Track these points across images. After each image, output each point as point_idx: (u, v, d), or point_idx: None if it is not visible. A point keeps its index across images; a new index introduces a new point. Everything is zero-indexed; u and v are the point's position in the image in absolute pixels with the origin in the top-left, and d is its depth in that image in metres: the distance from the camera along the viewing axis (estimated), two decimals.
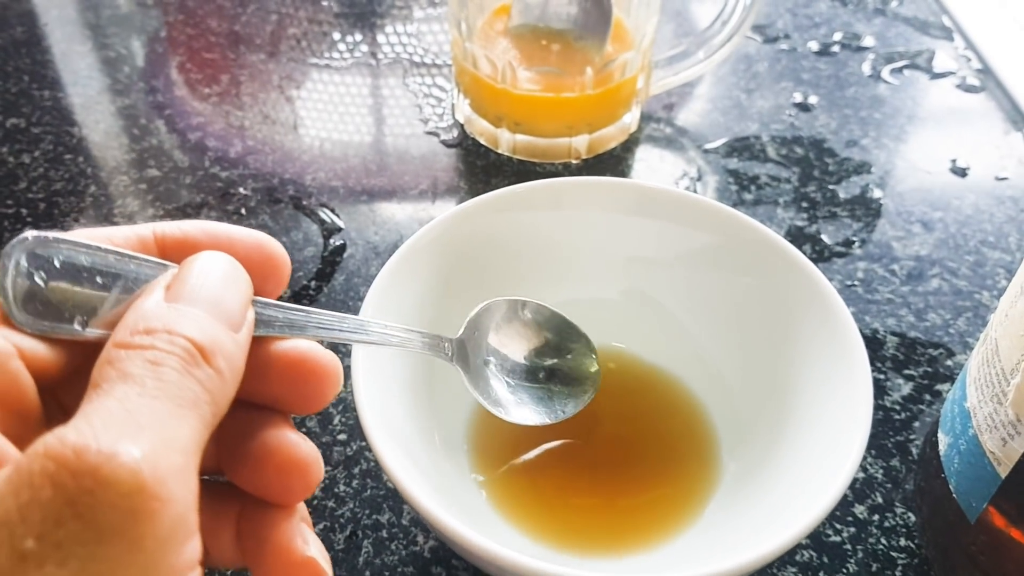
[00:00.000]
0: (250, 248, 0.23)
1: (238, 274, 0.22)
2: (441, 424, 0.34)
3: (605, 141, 0.50)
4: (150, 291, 0.20)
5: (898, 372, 0.40)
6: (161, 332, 0.19)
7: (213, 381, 0.19)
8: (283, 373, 0.23)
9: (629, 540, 0.32)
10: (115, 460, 0.16)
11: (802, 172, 0.50)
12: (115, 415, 0.17)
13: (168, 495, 0.17)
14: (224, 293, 0.21)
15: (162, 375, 0.18)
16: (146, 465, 0.16)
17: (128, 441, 0.17)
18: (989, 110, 0.54)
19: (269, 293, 0.24)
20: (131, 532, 0.16)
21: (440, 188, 0.49)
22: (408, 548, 0.34)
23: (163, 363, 0.18)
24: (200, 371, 0.19)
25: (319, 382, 0.23)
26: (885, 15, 0.61)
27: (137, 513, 0.16)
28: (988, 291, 0.43)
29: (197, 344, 0.19)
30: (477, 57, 0.48)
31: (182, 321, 0.19)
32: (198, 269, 0.21)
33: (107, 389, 0.18)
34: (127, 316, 0.20)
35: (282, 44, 0.59)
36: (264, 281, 0.23)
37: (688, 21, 0.63)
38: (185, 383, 0.18)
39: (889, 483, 0.36)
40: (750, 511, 0.30)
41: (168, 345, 0.19)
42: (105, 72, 0.57)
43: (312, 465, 0.23)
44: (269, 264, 0.23)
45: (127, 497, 0.16)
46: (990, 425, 0.28)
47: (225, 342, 0.20)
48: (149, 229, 0.22)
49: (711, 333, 0.36)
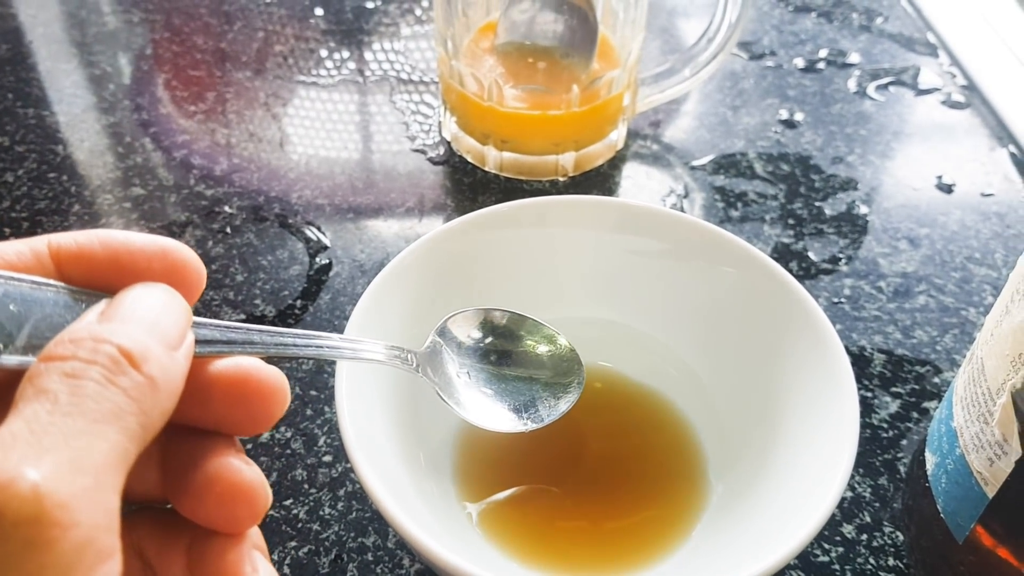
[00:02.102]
0: (152, 256, 0.22)
1: (174, 301, 0.21)
2: (426, 445, 0.33)
3: (592, 158, 0.50)
4: (83, 316, 0.20)
5: (885, 390, 0.40)
6: (86, 341, 0.18)
7: (141, 390, 0.18)
8: (226, 393, 0.22)
9: (616, 563, 0.31)
10: (10, 488, 0.15)
11: (788, 189, 0.50)
12: (18, 438, 0.16)
13: (70, 520, 0.16)
14: (160, 317, 0.20)
15: (79, 388, 0.17)
16: (45, 490, 0.16)
17: (28, 465, 0.16)
18: (974, 126, 0.54)
19: None
20: (27, 564, 0.15)
21: (427, 206, 0.49)
22: (394, 571, 0.34)
23: (81, 375, 0.17)
24: (126, 379, 0.18)
25: (264, 400, 0.22)
26: (870, 32, 0.62)
27: (32, 544, 0.15)
28: (975, 308, 0.43)
29: (125, 350, 0.18)
30: (463, 75, 0.48)
31: (115, 334, 0.18)
32: (132, 296, 0.20)
33: (19, 409, 0.17)
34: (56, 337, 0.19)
35: (268, 61, 0.59)
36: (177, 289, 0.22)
37: (674, 38, 0.63)
38: (105, 394, 0.17)
39: (877, 502, 0.36)
40: (738, 532, 0.30)
41: (90, 354, 0.18)
42: (90, 90, 0.56)
43: (257, 491, 0.22)
44: (177, 271, 0.22)
45: (21, 527, 0.15)
46: (977, 445, 0.28)
47: (158, 352, 0.19)
48: (43, 242, 0.21)
49: (698, 352, 0.36)
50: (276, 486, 0.36)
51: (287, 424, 0.38)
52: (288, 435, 0.38)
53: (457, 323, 0.31)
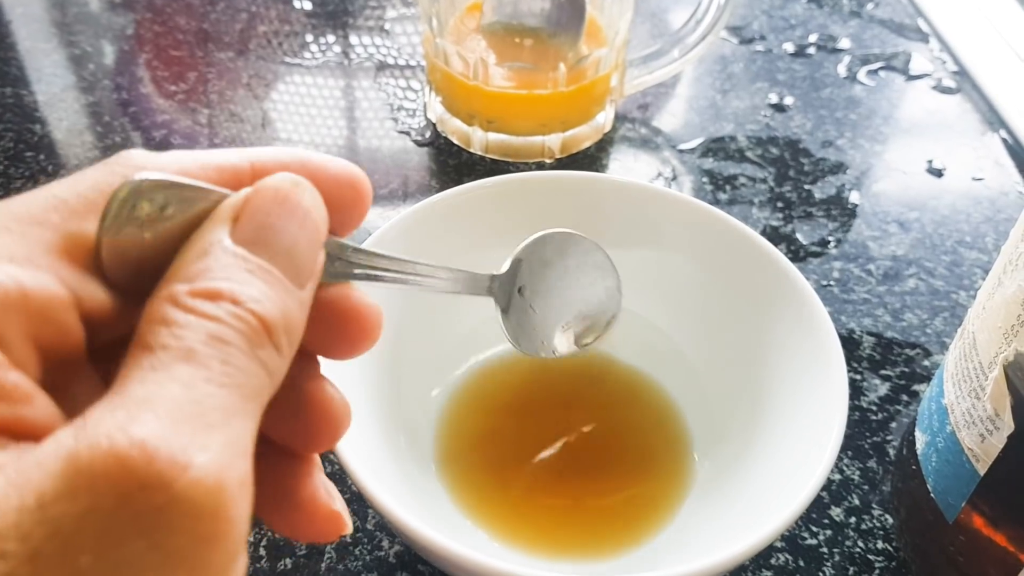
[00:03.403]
0: (343, 183, 0.20)
1: (316, 210, 0.19)
2: (407, 427, 0.33)
3: (579, 140, 0.50)
4: (216, 221, 0.18)
5: (875, 372, 0.39)
6: (226, 299, 0.16)
7: (275, 362, 0.17)
8: (323, 315, 0.20)
9: (601, 542, 0.31)
10: (190, 475, 0.14)
11: (777, 172, 0.49)
12: (183, 407, 0.15)
13: (236, 515, 0.15)
14: (298, 236, 0.18)
15: (229, 357, 0.16)
16: (225, 481, 0.15)
17: (199, 448, 0.14)
18: (965, 111, 0.54)
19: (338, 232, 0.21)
20: (200, 559, 0.14)
21: (411, 187, 0.48)
22: (373, 553, 0.33)
23: (230, 341, 0.16)
24: (264, 352, 0.16)
25: (362, 328, 0.20)
26: (861, 17, 0.61)
27: (209, 540, 0.14)
28: (965, 291, 0.43)
29: (265, 320, 0.17)
30: (449, 54, 0.47)
31: (249, 285, 0.17)
32: (272, 197, 0.18)
33: (166, 364, 0.15)
34: (186, 257, 0.17)
35: (252, 43, 0.58)
36: (342, 221, 0.20)
37: (663, 22, 0.62)
38: (251, 368, 0.16)
39: (866, 485, 0.35)
40: (724, 511, 0.29)
41: (234, 320, 0.16)
42: (70, 69, 0.55)
43: (344, 417, 0.21)
44: (358, 204, 0.20)
45: (201, 521, 0.14)
46: (968, 421, 0.27)
47: (292, 310, 0.17)
48: (246, 158, 0.19)
49: (684, 331, 0.35)
50: None
51: None
52: None
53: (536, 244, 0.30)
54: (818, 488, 0.26)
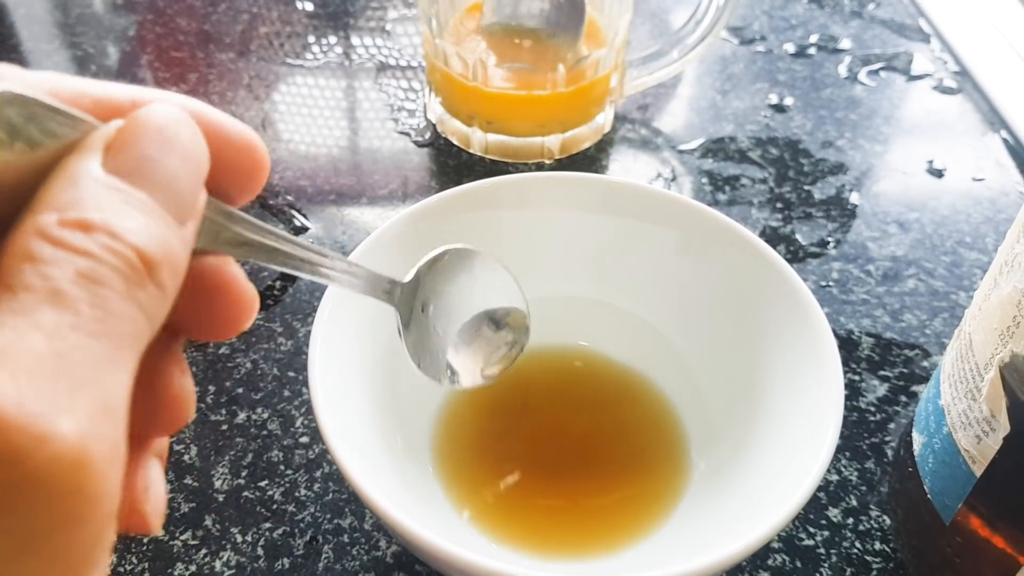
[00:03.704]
0: (240, 148, 0.18)
1: (197, 145, 0.17)
2: (403, 426, 0.33)
3: (578, 141, 0.50)
4: (86, 150, 0.16)
5: (873, 373, 0.39)
6: (100, 231, 0.14)
7: (156, 302, 0.15)
8: (195, 289, 0.18)
9: (597, 542, 0.31)
10: (49, 447, 0.12)
11: (777, 173, 0.49)
12: (43, 361, 0.13)
13: (104, 490, 0.13)
14: (179, 168, 0.16)
15: (101, 299, 0.14)
16: (89, 453, 0.12)
17: (63, 412, 0.12)
18: (966, 112, 0.54)
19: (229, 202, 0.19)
20: (58, 543, 0.12)
21: (410, 188, 0.48)
22: (370, 553, 0.33)
23: (104, 281, 0.14)
24: (143, 292, 0.14)
25: (235, 310, 0.19)
26: (862, 17, 0.61)
27: (70, 521, 0.12)
28: (965, 291, 0.43)
29: (144, 255, 0.15)
30: (448, 54, 0.47)
31: (126, 217, 0.15)
32: (150, 126, 0.16)
33: (28, 308, 0.13)
34: (52, 186, 0.15)
35: (253, 44, 0.58)
36: (232, 188, 0.19)
37: (663, 22, 0.62)
38: (127, 312, 0.14)
39: (863, 485, 0.35)
40: (719, 511, 0.29)
41: (109, 255, 0.14)
42: (73, 71, 0.56)
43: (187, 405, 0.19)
44: (256, 173, 0.19)
45: (61, 500, 0.12)
46: (964, 422, 0.27)
47: (174, 246, 0.15)
48: (127, 94, 0.17)
49: (680, 331, 0.35)
50: (251, 467, 0.35)
51: (264, 405, 0.37)
52: (265, 416, 0.37)
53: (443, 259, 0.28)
54: (814, 488, 0.26)
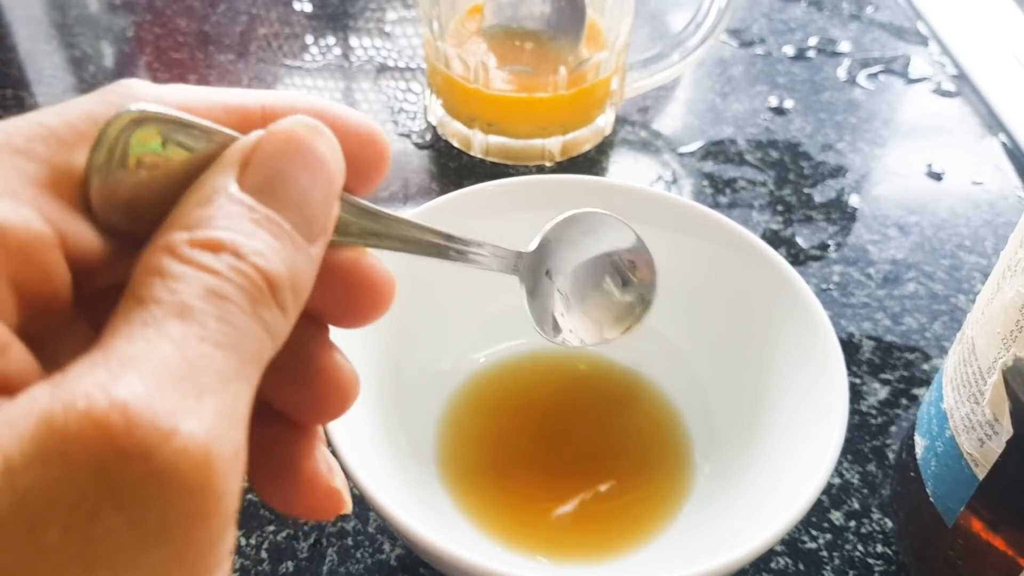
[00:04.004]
0: (363, 140, 0.18)
1: (333, 159, 0.17)
2: (407, 429, 0.33)
3: (579, 143, 0.50)
4: (220, 169, 0.16)
5: (874, 376, 0.39)
6: (227, 252, 0.15)
7: (279, 323, 0.15)
8: (335, 281, 0.19)
9: (601, 545, 0.31)
10: (176, 442, 0.13)
11: (777, 176, 0.49)
12: (171, 367, 0.13)
13: (226, 490, 0.13)
14: (312, 187, 0.16)
15: (227, 315, 0.14)
16: (215, 453, 0.13)
17: (189, 413, 0.13)
18: (965, 115, 0.54)
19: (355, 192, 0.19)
20: (183, 537, 0.13)
21: (411, 190, 0.48)
22: (374, 556, 0.33)
23: (229, 298, 0.14)
24: (267, 312, 0.15)
25: (374, 296, 0.19)
26: (861, 20, 0.61)
27: (194, 516, 0.13)
28: (964, 295, 0.43)
29: (268, 277, 0.15)
30: (450, 57, 0.47)
31: (254, 238, 0.15)
32: (285, 146, 0.16)
33: (158, 320, 0.14)
34: (188, 203, 0.15)
35: (252, 45, 0.58)
36: (359, 180, 0.19)
37: (663, 25, 0.63)
38: (252, 328, 0.15)
39: (866, 488, 0.35)
40: (724, 514, 0.29)
41: (235, 274, 0.15)
42: (71, 71, 0.56)
43: (353, 387, 0.20)
44: (377, 164, 0.19)
45: (186, 496, 0.13)
46: (967, 426, 0.27)
47: (300, 268, 0.16)
48: (258, 100, 0.18)
49: (684, 334, 0.35)
50: None
51: None
52: None
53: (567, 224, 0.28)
54: (818, 492, 0.26)
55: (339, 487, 0.20)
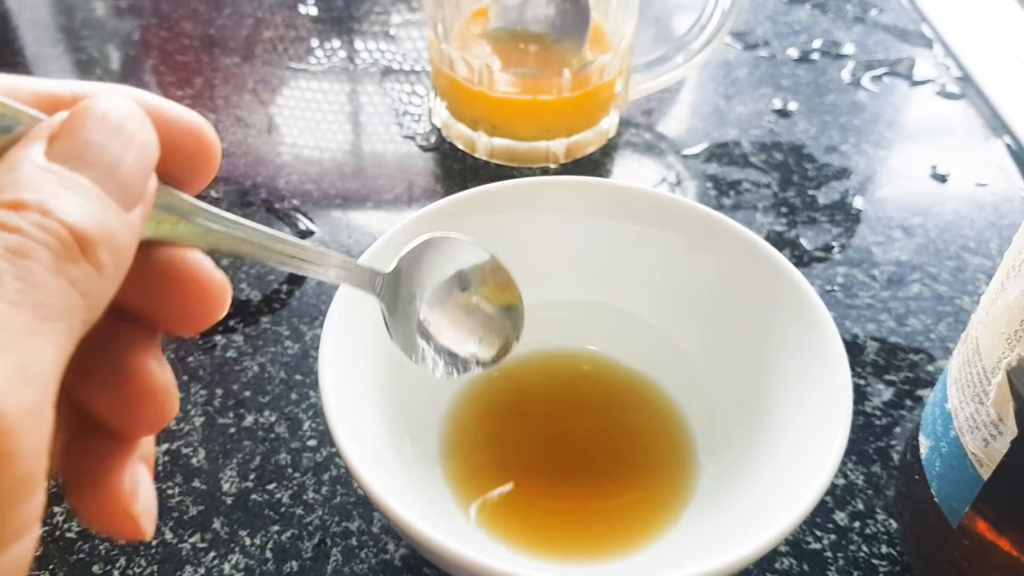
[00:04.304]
0: (185, 132, 0.18)
1: (144, 129, 0.17)
2: (412, 429, 0.33)
3: (583, 146, 0.50)
4: (29, 140, 0.16)
5: (879, 377, 0.39)
6: (32, 209, 0.15)
7: (91, 280, 0.15)
8: (163, 281, 0.18)
9: (605, 545, 0.31)
10: None
11: (781, 177, 0.49)
12: None
13: (16, 449, 0.13)
14: (124, 154, 0.16)
15: (27, 272, 0.14)
16: None
17: None
18: (969, 117, 0.54)
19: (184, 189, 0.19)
20: None
21: (416, 192, 0.48)
22: (378, 556, 0.33)
23: (31, 254, 0.14)
24: (76, 268, 0.15)
25: (206, 302, 0.19)
26: (865, 23, 0.61)
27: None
28: (969, 296, 0.43)
29: (77, 232, 0.15)
30: (454, 59, 0.47)
31: (61, 198, 0.15)
32: (94, 115, 0.16)
33: None
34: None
35: (257, 48, 0.58)
36: (184, 174, 0.19)
37: (667, 28, 0.63)
38: (55, 285, 0.14)
39: (870, 489, 0.35)
40: (728, 515, 0.29)
41: (38, 231, 0.14)
42: (77, 75, 0.56)
43: (169, 400, 0.19)
44: (203, 156, 0.19)
45: None
46: (972, 426, 0.27)
47: (114, 228, 0.16)
48: (68, 88, 0.18)
49: (687, 335, 0.36)
50: (259, 470, 0.35)
51: (271, 408, 0.37)
52: (272, 419, 0.37)
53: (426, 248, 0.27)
54: (822, 492, 0.26)
55: (137, 512, 0.19)
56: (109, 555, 0.32)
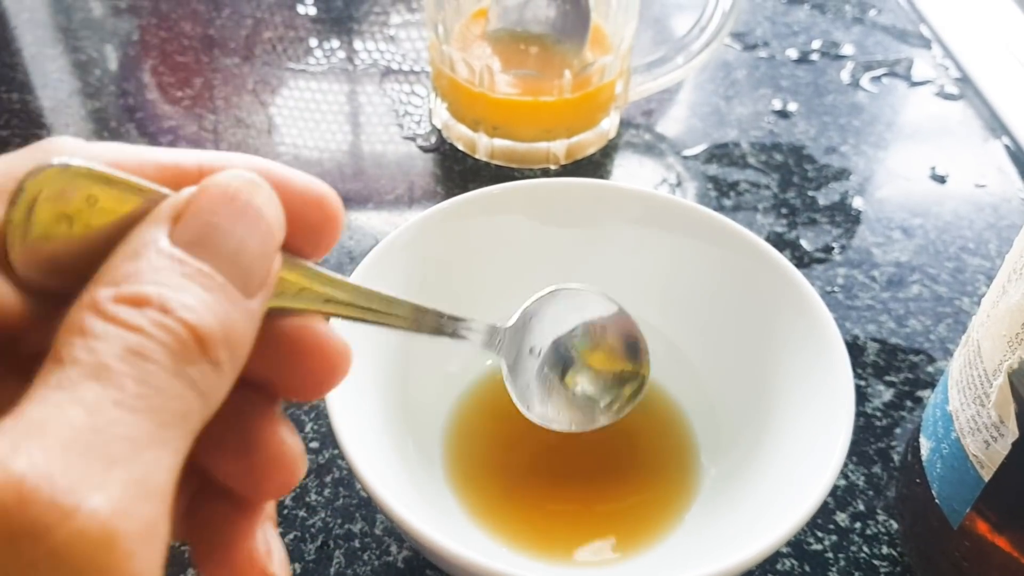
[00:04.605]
0: (309, 202, 0.18)
1: (270, 211, 0.16)
2: (415, 431, 0.33)
3: (584, 147, 0.50)
4: (151, 223, 0.15)
5: (879, 378, 0.39)
6: (153, 307, 0.14)
7: (209, 379, 0.15)
8: (284, 351, 0.18)
9: (608, 547, 0.31)
10: (76, 522, 0.12)
11: (781, 178, 0.49)
12: (80, 435, 0.12)
13: (135, 570, 0.12)
14: (248, 239, 0.16)
15: (147, 375, 0.13)
16: (115, 529, 0.12)
17: (93, 487, 0.12)
18: (968, 118, 0.54)
19: (306, 257, 0.19)
20: None
21: (416, 193, 0.48)
22: (381, 558, 0.33)
23: (150, 356, 0.14)
24: (195, 369, 0.14)
25: (327, 368, 0.18)
26: (864, 24, 0.61)
27: None
28: (968, 297, 0.43)
29: (198, 332, 0.14)
30: (455, 60, 0.47)
31: (183, 291, 0.14)
32: (220, 196, 0.16)
33: (73, 382, 0.13)
34: (115, 259, 0.15)
35: (257, 48, 0.58)
36: (307, 244, 0.18)
37: (667, 29, 0.63)
38: (175, 388, 0.14)
39: (871, 490, 0.35)
40: (731, 516, 0.29)
41: (159, 331, 0.14)
42: (76, 75, 0.56)
43: (298, 465, 0.19)
44: (327, 225, 0.18)
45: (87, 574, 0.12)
46: (973, 428, 0.27)
47: (235, 321, 0.15)
48: (194, 159, 0.17)
49: (690, 337, 0.36)
50: None
51: None
52: None
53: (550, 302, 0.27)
54: (825, 494, 0.26)
55: (275, 572, 0.19)
56: None
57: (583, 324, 0.27)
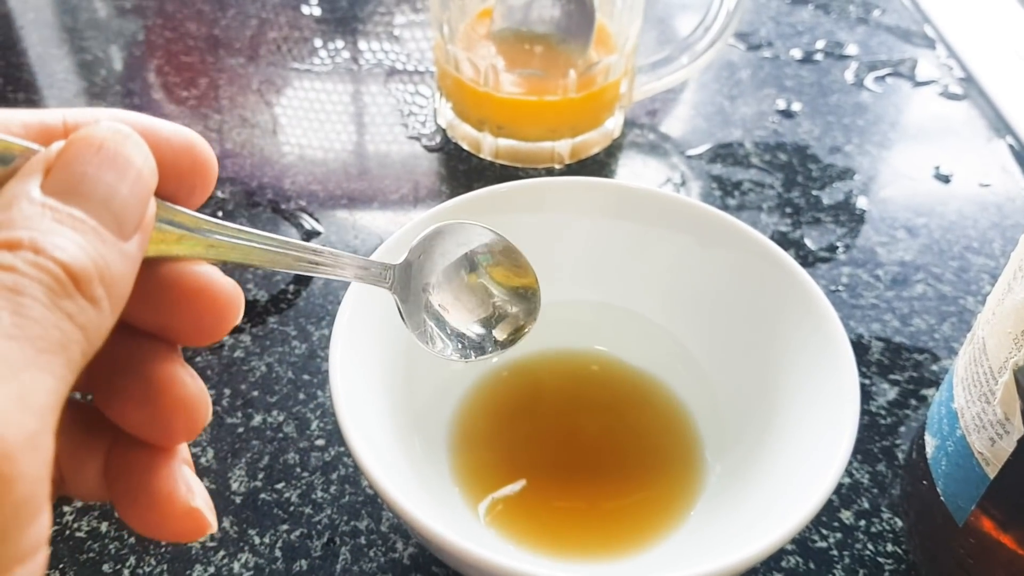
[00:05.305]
0: (178, 149, 0.19)
1: (140, 156, 0.17)
2: (421, 428, 0.33)
3: (588, 146, 0.50)
4: (25, 174, 0.16)
5: (883, 377, 0.39)
6: (26, 249, 0.15)
7: (88, 314, 0.15)
8: (173, 297, 0.19)
9: (613, 543, 0.31)
10: None
11: (786, 178, 0.50)
12: None
13: (15, 473, 0.13)
14: (119, 184, 0.17)
15: (23, 308, 0.14)
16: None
17: None
18: (972, 118, 0.54)
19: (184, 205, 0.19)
20: None
21: (421, 192, 0.48)
22: (387, 555, 0.33)
23: (24, 292, 0.15)
24: (71, 303, 0.15)
25: (217, 313, 0.19)
26: (868, 24, 0.61)
27: None
28: (973, 296, 0.43)
29: (70, 269, 0.15)
30: (459, 60, 0.47)
31: (55, 234, 0.15)
32: (88, 147, 0.17)
33: None
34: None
35: (262, 49, 0.58)
36: (182, 190, 0.19)
37: (671, 28, 0.63)
38: (51, 319, 0.15)
39: (875, 488, 0.36)
40: (735, 514, 0.29)
41: (32, 269, 0.15)
42: (82, 75, 0.56)
43: (200, 406, 0.20)
44: (198, 171, 0.19)
45: None
46: (978, 425, 0.28)
47: (110, 260, 0.16)
48: (59, 116, 0.18)
49: (695, 334, 0.36)
50: (268, 470, 0.35)
51: (279, 408, 0.38)
52: (280, 419, 0.37)
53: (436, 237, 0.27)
54: (830, 492, 0.26)
55: (199, 506, 0.20)
56: (119, 554, 0.33)
57: (465, 253, 0.28)
